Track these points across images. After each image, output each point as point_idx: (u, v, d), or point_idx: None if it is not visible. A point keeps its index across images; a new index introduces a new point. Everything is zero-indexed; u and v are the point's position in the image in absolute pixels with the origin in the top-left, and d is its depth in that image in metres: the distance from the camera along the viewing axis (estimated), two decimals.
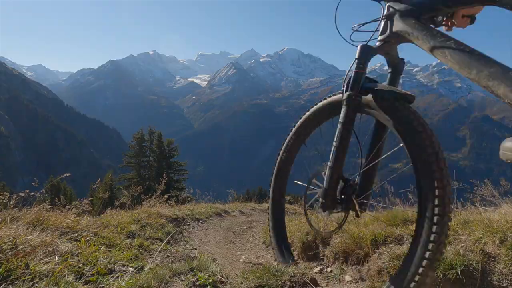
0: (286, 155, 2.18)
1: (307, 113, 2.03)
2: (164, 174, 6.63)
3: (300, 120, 2.08)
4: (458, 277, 1.66)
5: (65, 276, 1.59)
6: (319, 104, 1.97)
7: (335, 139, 1.65)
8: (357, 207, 1.60)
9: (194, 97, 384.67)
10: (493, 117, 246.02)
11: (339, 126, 1.64)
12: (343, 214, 1.72)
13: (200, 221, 4.72)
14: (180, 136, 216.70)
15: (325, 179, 1.65)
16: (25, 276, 1.48)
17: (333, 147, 1.64)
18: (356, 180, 1.68)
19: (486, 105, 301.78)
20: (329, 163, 1.65)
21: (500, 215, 2.11)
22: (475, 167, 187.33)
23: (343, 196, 1.65)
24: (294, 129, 2.12)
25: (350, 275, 2.28)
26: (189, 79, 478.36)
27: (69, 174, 2.88)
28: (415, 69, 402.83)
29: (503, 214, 2.10)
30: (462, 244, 1.97)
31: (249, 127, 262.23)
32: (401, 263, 1.39)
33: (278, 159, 2.21)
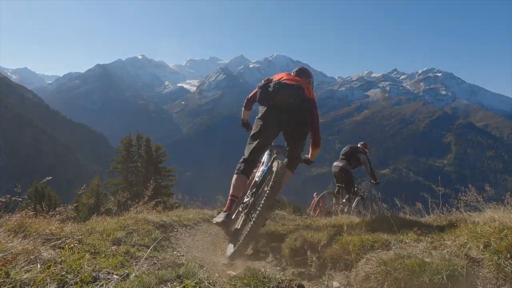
0: None
1: None
2: (152, 180, 6.55)
3: None
4: (443, 282, 1.68)
5: (47, 284, 1.54)
6: None
7: None
8: None
9: (183, 102, 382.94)
10: (476, 124, 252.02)
11: None
12: None
13: (188, 227, 4.67)
14: (168, 141, 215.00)
15: None
16: (6, 285, 1.44)
17: None
18: None
19: (470, 112, 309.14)
20: None
21: (484, 220, 2.15)
22: (460, 173, 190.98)
23: None
24: None
25: (338, 281, 2.28)
26: (178, 84, 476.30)
27: (50, 177, 2.82)
28: (401, 77, 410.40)
29: (487, 219, 2.14)
30: (448, 249, 2.00)
31: (238, 133, 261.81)
32: None
33: None
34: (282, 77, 3.59)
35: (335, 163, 7.07)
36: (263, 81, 3.51)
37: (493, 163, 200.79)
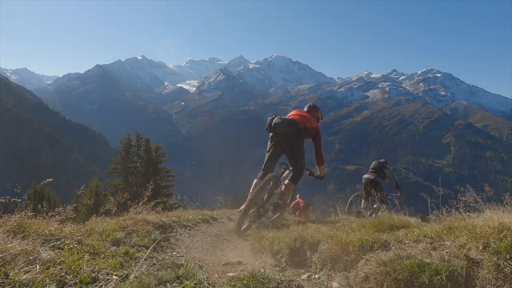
0: None
1: None
2: (151, 181, 6.55)
3: None
4: (443, 282, 1.68)
5: (46, 285, 1.54)
6: None
7: None
8: None
9: (182, 103, 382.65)
10: (476, 125, 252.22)
11: None
12: None
13: (188, 228, 4.66)
14: (168, 141, 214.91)
15: None
16: (5, 286, 1.43)
17: None
18: None
19: (470, 113, 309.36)
20: None
21: (484, 221, 2.15)
22: (459, 173, 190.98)
23: None
24: None
25: (338, 282, 2.28)
26: (178, 85, 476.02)
27: (51, 179, 2.81)
28: (401, 77, 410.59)
29: (486, 220, 2.14)
30: (447, 250, 2.00)
31: (238, 133, 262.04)
32: None
33: None
34: (289, 114, 4.96)
35: (366, 176, 8.21)
36: (273, 115, 4.76)
37: (492, 164, 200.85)
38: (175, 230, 4.30)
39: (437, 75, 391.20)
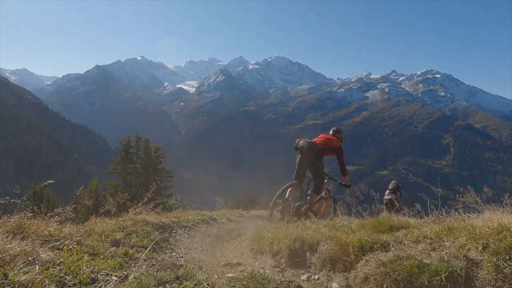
0: None
1: None
2: (153, 182, 6.54)
3: None
4: (442, 283, 1.68)
5: (45, 286, 1.54)
6: None
7: None
8: None
9: (182, 104, 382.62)
10: (475, 126, 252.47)
11: None
12: None
13: (187, 228, 4.66)
14: (167, 142, 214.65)
15: None
16: (4, 287, 1.43)
17: None
18: None
19: (469, 114, 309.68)
20: None
21: (483, 221, 2.16)
22: (458, 174, 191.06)
23: None
24: None
25: (337, 282, 2.28)
26: (178, 85, 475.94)
27: (52, 181, 2.81)
28: (400, 78, 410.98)
29: (485, 221, 2.14)
30: (447, 251, 2.00)
31: (237, 134, 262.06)
32: None
33: None
34: (314, 138, 6.11)
35: (387, 197, 9.12)
36: (301, 136, 6.03)
37: (491, 165, 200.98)
38: (174, 231, 4.30)
39: (436, 76, 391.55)
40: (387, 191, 9.38)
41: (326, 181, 6.16)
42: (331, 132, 6.53)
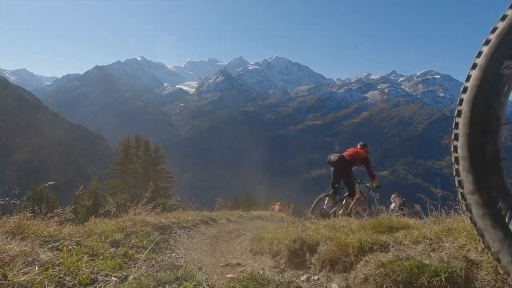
0: None
1: None
2: (152, 183, 6.54)
3: None
4: (442, 284, 1.68)
5: (45, 286, 1.54)
6: None
7: None
8: None
9: (182, 104, 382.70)
10: None
11: None
12: None
13: (187, 229, 4.66)
14: (167, 142, 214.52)
15: None
16: (3, 287, 1.43)
17: None
18: None
19: None
20: None
21: None
22: None
23: None
24: None
25: (337, 283, 2.28)
26: (177, 86, 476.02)
27: (53, 182, 2.81)
28: (400, 79, 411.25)
29: None
30: (446, 251, 2.00)
31: (237, 135, 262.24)
32: None
33: None
34: (344, 152, 7.02)
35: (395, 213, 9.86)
36: (332, 154, 6.84)
37: None
38: (174, 231, 4.30)
39: (436, 76, 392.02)
40: (393, 205, 10.01)
41: (357, 186, 7.01)
42: (358, 146, 7.49)
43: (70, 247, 2.21)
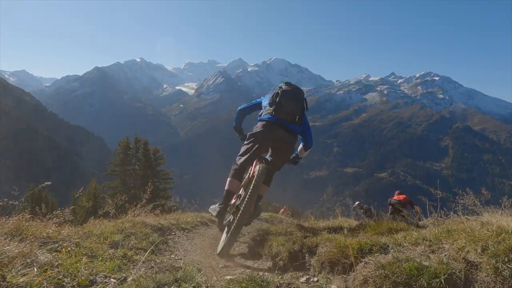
0: None
1: None
2: (150, 183, 6.54)
3: None
4: (441, 285, 1.68)
5: None
6: None
7: None
8: None
9: (181, 105, 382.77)
10: (474, 128, 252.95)
11: None
12: None
13: (186, 230, 4.66)
14: (166, 144, 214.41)
15: None
16: None
17: None
18: None
19: (468, 116, 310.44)
20: None
21: (482, 224, 2.16)
22: (457, 176, 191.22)
23: None
24: None
25: (336, 285, 2.28)
26: (177, 87, 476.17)
27: (50, 182, 2.80)
28: (399, 80, 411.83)
29: (484, 223, 2.14)
30: (446, 253, 2.00)
31: (236, 136, 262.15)
32: None
33: None
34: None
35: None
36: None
37: (490, 167, 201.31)
38: (173, 233, 4.29)
39: (435, 78, 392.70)
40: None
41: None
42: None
43: (69, 249, 2.20)
